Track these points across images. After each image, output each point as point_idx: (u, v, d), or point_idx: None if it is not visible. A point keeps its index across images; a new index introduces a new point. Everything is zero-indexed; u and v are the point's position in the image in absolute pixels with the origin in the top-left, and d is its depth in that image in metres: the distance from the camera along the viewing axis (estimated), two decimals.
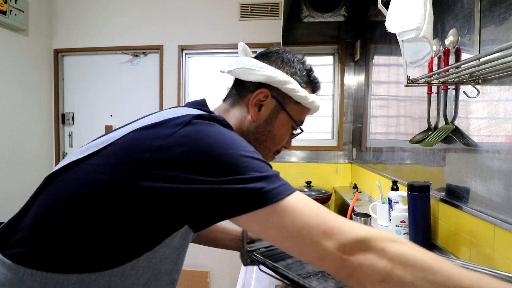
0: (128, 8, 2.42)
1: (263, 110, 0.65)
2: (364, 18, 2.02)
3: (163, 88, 2.38)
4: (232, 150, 0.47)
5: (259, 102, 0.64)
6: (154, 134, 0.49)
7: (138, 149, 0.48)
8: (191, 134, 0.48)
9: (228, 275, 2.35)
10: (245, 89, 0.66)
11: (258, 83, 0.64)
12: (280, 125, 0.66)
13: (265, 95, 0.64)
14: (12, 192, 2.14)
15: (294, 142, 1.89)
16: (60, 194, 0.53)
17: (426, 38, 0.70)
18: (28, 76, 2.28)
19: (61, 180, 0.55)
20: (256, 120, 0.65)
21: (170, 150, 0.46)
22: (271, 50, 0.70)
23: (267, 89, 0.64)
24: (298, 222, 0.44)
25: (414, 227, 1.00)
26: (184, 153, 0.46)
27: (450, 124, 0.93)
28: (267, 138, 0.66)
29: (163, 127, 0.50)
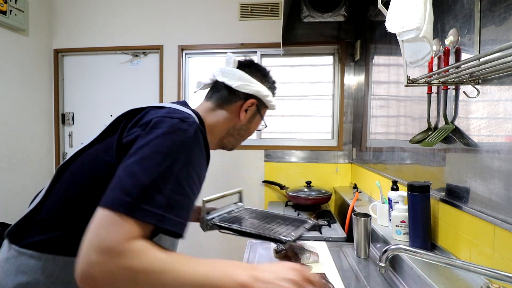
0: (128, 8, 2.42)
1: (248, 114, 0.85)
2: (364, 18, 2.02)
3: (163, 88, 2.38)
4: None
5: (248, 107, 0.83)
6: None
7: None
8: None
9: None
10: (236, 96, 0.83)
11: (250, 94, 0.82)
12: (255, 123, 0.89)
13: (254, 103, 0.84)
14: (12, 192, 2.14)
15: (294, 142, 2.02)
16: (76, 180, 0.64)
17: (426, 38, 0.70)
18: (28, 76, 2.28)
19: (72, 168, 0.66)
20: (242, 120, 0.84)
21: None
22: (251, 63, 0.87)
23: (255, 100, 0.83)
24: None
25: (414, 227, 1.00)
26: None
27: (450, 124, 0.93)
28: (246, 133, 0.89)
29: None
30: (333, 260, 1.17)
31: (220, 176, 2.33)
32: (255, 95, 0.83)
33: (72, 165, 0.67)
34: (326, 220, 1.64)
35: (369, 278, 1.04)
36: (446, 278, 0.81)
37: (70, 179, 0.65)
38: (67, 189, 0.64)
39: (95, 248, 0.48)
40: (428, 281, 0.81)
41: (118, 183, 0.54)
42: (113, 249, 0.48)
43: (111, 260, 0.48)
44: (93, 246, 0.49)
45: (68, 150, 2.55)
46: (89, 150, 0.67)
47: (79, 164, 0.66)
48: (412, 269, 0.90)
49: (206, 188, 1.83)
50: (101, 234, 0.49)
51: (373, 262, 1.17)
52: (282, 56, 2.33)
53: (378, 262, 0.74)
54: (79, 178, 0.64)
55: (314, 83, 2.35)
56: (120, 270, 0.48)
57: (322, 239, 1.43)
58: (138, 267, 0.49)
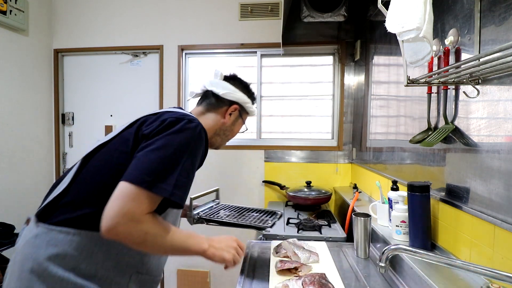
0: (128, 8, 2.42)
1: (232, 117, 1.06)
2: (364, 18, 2.02)
3: (163, 88, 2.38)
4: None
5: (231, 112, 1.04)
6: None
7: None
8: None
9: (228, 275, 2.35)
10: (222, 102, 1.04)
11: (233, 100, 1.04)
12: (237, 126, 1.10)
13: (237, 108, 1.05)
14: (12, 192, 2.14)
15: (294, 142, 2.05)
16: (100, 169, 0.80)
17: (426, 38, 0.70)
18: (28, 76, 2.28)
19: (96, 159, 0.82)
20: (227, 122, 1.05)
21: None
22: (235, 76, 1.10)
23: (238, 106, 1.05)
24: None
25: (414, 227, 1.00)
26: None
27: (450, 124, 0.93)
28: (230, 133, 1.09)
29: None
30: (333, 260, 1.17)
31: (220, 176, 2.33)
32: (237, 102, 1.05)
33: (94, 157, 0.83)
34: (326, 220, 1.64)
35: (369, 278, 1.04)
36: (446, 278, 0.81)
37: (94, 168, 0.81)
38: (93, 176, 0.80)
39: (123, 214, 0.68)
40: (428, 281, 0.81)
41: (140, 165, 0.73)
42: (135, 217, 0.70)
43: (133, 224, 0.70)
44: (122, 211, 0.68)
45: (68, 150, 2.55)
46: (109, 145, 0.83)
47: (102, 156, 0.82)
48: (412, 269, 0.90)
49: (207, 187, 1.88)
50: (128, 204, 0.69)
51: (373, 262, 1.17)
52: (282, 56, 2.33)
53: (378, 262, 0.74)
54: (103, 167, 0.80)
55: (314, 83, 2.35)
56: (137, 232, 0.71)
57: (322, 239, 1.44)
58: (149, 231, 0.72)
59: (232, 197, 2.35)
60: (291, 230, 1.53)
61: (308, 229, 1.53)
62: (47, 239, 0.75)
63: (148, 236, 0.72)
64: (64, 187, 0.80)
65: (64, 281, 0.72)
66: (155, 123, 0.81)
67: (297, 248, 1.19)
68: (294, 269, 1.05)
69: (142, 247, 0.75)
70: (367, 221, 1.18)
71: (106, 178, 0.78)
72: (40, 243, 0.75)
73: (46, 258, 0.73)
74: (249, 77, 2.38)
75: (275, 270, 1.07)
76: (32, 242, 0.76)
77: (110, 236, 0.70)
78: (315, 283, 0.92)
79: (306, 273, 1.03)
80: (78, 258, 0.75)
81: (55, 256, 0.73)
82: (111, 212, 0.69)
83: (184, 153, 0.78)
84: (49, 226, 0.76)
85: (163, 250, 0.80)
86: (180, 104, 2.37)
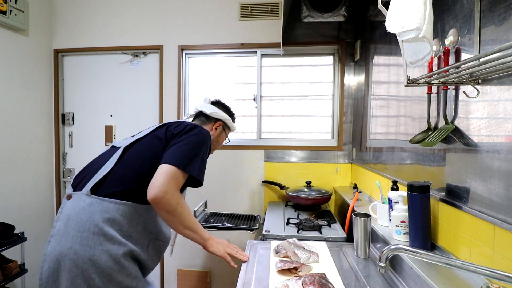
0: (128, 8, 2.42)
1: (217, 131, 1.45)
2: (364, 18, 2.02)
3: (163, 88, 2.38)
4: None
5: (216, 127, 1.44)
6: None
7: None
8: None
9: (228, 275, 2.35)
10: (209, 119, 1.44)
11: (218, 118, 1.44)
12: (222, 138, 1.50)
13: (220, 124, 1.45)
14: (12, 192, 2.14)
15: (294, 142, 2.11)
16: (139, 155, 1.13)
17: (426, 38, 0.70)
18: (28, 76, 2.28)
19: (135, 148, 1.15)
20: (213, 135, 1.42)
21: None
22: (219, 101, 1.51)
23: (221, 122, 1.45)
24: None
25: (414, 227, 1.00)
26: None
27: (450, 124, 0.93)
28: (215, 143, 1.46)
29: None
30: (333, 260, 1.17)
31: (221, 176, 2.33)
32: (221, 119, 1.44)
33: (132, 148, 1.16)
34: (326, 220, 1.64)
35: (369, 278, 1.04)
36: (446, 278, 0.81)
37: (133, 156, 1.13)
38: (132, 162, 1.11)
39: (167, 185, 1.01)
40: (428, 281, 0.81)
41: (176, 154, 1.08)
42: (176, 190, 1.05)
43: (171, 194, 1.02)
44: (166, 184, 1.01)
45: (68, 150, 2.55)
46: (143, 140, 1.18)
47: (139, 148, 1.15)
48: (412, 269, 0.90)
49: (208, 187, 1.86)
50: (170, 179, 1.03)
51: (373, 262, 1.17)
52: (282, 56, 2.33)
53: (378, 262, 0.74)
54: (140, 155, 1.13)
55: (314, 83, 2.35)
56: (174, 199, 1.03)
57: (322, 239, 1.44)
58: (180, 202, 1.06)
59: (232, 197, 2.35)
60: (291, 230, 1.53)
61: (308, 229, 1.53)
62: (100, 207, 1.01)
63: (179, 206, 1.04)
64: (109, 169, 1.09)
65: (113, 239, 1.00)
66: (180, 127, 1.18)
67: (297, 248, 1.19)
68: (294, 269, 1.05)
69: (171, 216, 1.05)
70: (367, 221, 1.18)
71: (143, 163, 1.10)
72: (94, 210, 1.01)
73: (101, 221, 0.99)
74: (249, 77, 2.38)
75: (275, 270, 1.07)
76: (88, 209, 1.01)
77: (155, 201, 1.00)
78: (315, 283, 0.92)
79: (306, 273, 1.03)
80: (122, 222, 1.03)
81: (107, 220, 1.00)
82: (157, 183, 1.00)
83: (202, 148, 1.15)
84: (101, 197, 1.03)
85: (182, 223, 1.08)
86: (180, 103, 2.37)
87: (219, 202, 2.34)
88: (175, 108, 2.38)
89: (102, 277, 0.96)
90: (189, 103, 2.45)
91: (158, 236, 1.14)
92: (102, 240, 0.98)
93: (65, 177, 2.53)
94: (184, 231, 1.11)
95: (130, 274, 1.02)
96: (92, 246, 0.97)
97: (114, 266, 0.98)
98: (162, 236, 1.17)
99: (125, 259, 1.01)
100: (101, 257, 0.97)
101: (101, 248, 0.97)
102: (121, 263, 0.99)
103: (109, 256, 0.97)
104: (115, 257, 0.98)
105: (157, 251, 1.16)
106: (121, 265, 0.99)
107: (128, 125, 2.47)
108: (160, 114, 2.39)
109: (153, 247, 1.13)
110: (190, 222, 1.10)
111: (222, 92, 2.41)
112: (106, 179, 1.07)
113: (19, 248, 2.02)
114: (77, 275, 0.95)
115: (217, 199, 2.33)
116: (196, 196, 2.32)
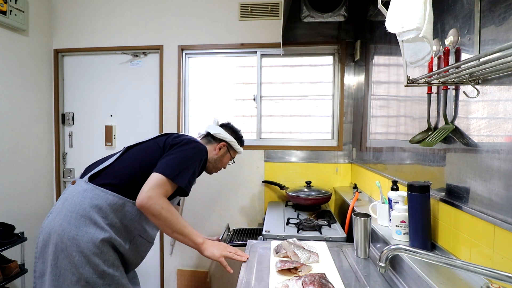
0: (128, 8, 2.42)
1: (221, 151, 1.51)
2: (364, 18, 2.02)
3: (163, 88, 2.38)
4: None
5: (220, 147, 1.50)
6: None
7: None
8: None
9: (228, 275, 2.35)
10: (215, 139, 1.51)
11: (222, 139, 1.50)
12: (225, 158, 1.55)
13: (224, 145, 1.51)
14: (12, 192, 2.14)
15: (294, 143, 2.11)
16: (136, 157, 1.25)
17: (426, 38, 0.70)
18: (28, 76, 2.28)
19: (136, 150, 1.29)
20: (217, 155, 1.50)
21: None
22: (227, 124, 1.58)
23: (225, 143, 1.51)
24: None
25: (414, 227, 1.00)
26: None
27: (450, 124, 0.93)
28: (219, 163, 1.53)
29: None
30: (333, 260, 1.17)
31: (221, 177, 2.33)
32: (225, 140, 1.50)
33: (134, 148, 1.30)
34: (326, 220, 1.64)
35: (369, 278, 1.04)
36: (446, 278, 0.81)
37: (132, 155, 1.26)
38: (130, 161, 1.24)
39: (153, 192, 1.11)
40: (428, 281, 0.81)
41: (167, 164, 1.18)
42: (160, 196, 1.12)
43: (158, 200, 1.11)
44: (151, 191, 1.11)
45: (68, 150, 2.55)
46: (144, 144, 1.32)
47: (139, 149, 1.29)
48: (412, 269, 0.90)
49: (208, 187, 1.87)
50: (156, 187, 1.12)
51: (373, 262, 1.17)
52: (282, 56, 2.33)
53: (378, 262, 0.74)
54: (138, 156, 1.25)
55: (314, 83, 2.35)
56: (157, 205, 1.11)
57: (322, 239, 1.44)
58: (164, 207, 1.13)
59: (232, 197, 2.35)
60: (291, 230, 1.53)
61: (308, 229, 1.53)
62: (92, 194, 1.14)
63: (163, 211, 1.12)
64: (110, 163, 1.23)
65: (97, 223, 1.11)
66: (178, 139, 1.29)
67: (297, 248, 1.19)
68: (294, 269, 1.05)
69: (157, 219, 1.12)
70: (367, 221, 1.18)
71: (138, 164, 1.22)
72: (87, 195, 1.14)
73: (90, 205, 1.11)
74: (249, 77, 2.38)
75: (275, 270, 1.07)
76: (82, 193, 1.14)
77: (140, 206, 1.11)
78: (315, 283, 0.92)
79: (306, 273, 1.03)
80: (108, 211, 1.13)
81: (95, 206, 1.12)
82: (144, 189, 1.11)
83: (195, 161, 1.25)
84: (95, 186, 1.16)
85: (169, 227, 1.15)
86: (180, 104, 2.37)
87: (220, 202, 2.34)
88: (175, 108, 2.38)
89: (81, 256, 1.06)
90: (189, 103, 2.45)
91: (142, 233, 1.23)
92: (87, 223, 1.09)
93: (65, 177, 2.53)
94: (174, 234, 1.19)
95: (107, 260, 1.11)
96: (78, 226, 1.08)
97: (92, 248, 1.07)
98: (146, 234, 1.25)
99: (104, 245, 1.10)
100: (83, 238, 1.07)
101: (85, 229, 1.08)
102: (99, 247, 1.08)
103: (90, 238, 1.08)
104: (95, 241, 1.08)
105: (138, 248, 1.24)
106: (100, 249, 1.09)
107: (128, 125, 2.47)
108: (160, 114, 2.39)
109: (135, 243, 1.22)
110: (178, 227, 1.16)
111: (222, 92, 2.41)
112: (104, 171, 1.21)
113: (19, 248, 2.02)
114: (62, 249, 1.07)
115: (217, 199, 2.33)
116: (196, 196, 2.33)
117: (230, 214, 2.35)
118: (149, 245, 1.30)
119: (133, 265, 1.26)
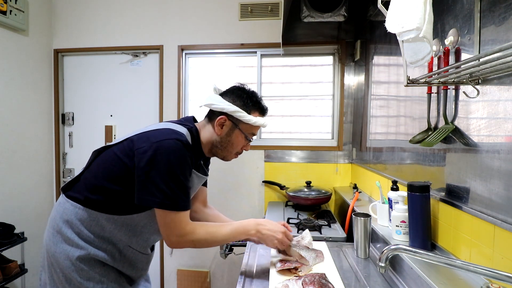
0: (128, 8, 2.42)
1: (224, 128, 1.06)
2: (364, 18, 2.02)
3: (163, 88, 2.38)
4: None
5: (221, 123, 1.05)
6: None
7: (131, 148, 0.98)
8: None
9: (228, 275, 2.35)
10: (214, 114, 1.08)
11: (220, 112, 1.05)
12: (235, 137, 1.08)
13: (224, 119, 1.05)
14: (12, 192, 2.14)
15: (294, 142, 2.06)
16: (105, 167, 1.00)
17: (426, 38, 0.70)
18: (28, 76, 2.28)
19: (102, 157, 1.03)
20: (219, 134, 1.06)
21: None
22: (232, 89, 1.11)
23: (225, 116, 1.05)
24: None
25: (414, 227, 1.00)
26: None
27: (450, 124, 0.93)
28: (227, 145, 1.08)
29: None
30: (333, 260, 1.17)
31: (221, 177, 2.33)
32: (224, 112, 1.04)
33: (102, 154, 1.04)
34: (326, 220, 1.64)
35: (369, 278, 1.04)
36: (446, 278, 0.81)
37: (101, 163, 1.02)
38: (100, 169, 1.01)
39: (175, 235, 0.95)
40: (428, 281, 0.81)
41: (156, 191, 0.92)
42: (180, 234, 0.96)
43: (182, 239, 0.96)
44: (172, 234, 0.96)
45: (68, 150, 2.55)
46: (111, 150, 1.02)
47: (105, 158, 1.02)
48: (412, 269, 0.90)
49: (208, 187, 1.91)
50: (173, 228, 0.95)
51: (373, 262, 1.17)
52: (282, 56, 2.33)
53: (378, 262, 0.74)
54: (106, 166, 1.00)
55: (314, 83, 2.35)
56: (187, 243, 0.97)
57: (322, 239, 1.44)
58: (195, 238, 0.97)
59: (232, 197, 2.35)
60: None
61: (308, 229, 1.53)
62: (63, 207, 1.01)
63: (196, 242, 0.98)
64: (79, 172, 1.06)
65: (70, 240, 0.98)
66: (144, 156, 0.93)
67: (302, 250, 1.13)
68: (294, 269, 1.05)
69: (198, 247, 1.01)
70: (367, 221, 1.18)
71: (106, 176, 0.99)
72: (59, 209, 1.02)
73: (61, 221, 0.99)
74: (249, 77, 2.38)
75: (275, 270, 1.07)
76: (56, 207, 1.04)
77: (175, 248, 1.13)
78: (315, 283, 0.92)
79: (306, 273, 1.03)
80: (80, 227, 0.98)
81: (66, 221, 0.99)
82: (164, 236, 0.97)
83: (176, 171, 0.93)
84: (66, 198, 1.02)
85: (211, 245, 1.03)
86: (180, 103, 2.37)
87: (220, 202, 2.34)
88: (175, 108, 2.38)
89: (62, 274, 0.98)
90: (189, 103, 2.45)
91: (131, 244, 1.05)
92: (60, 239, 0.99)
93: (65, 177, 2.53)
94: (221, 244, 1.12)
95: (93, 278, 0.98)
96: (55, 243, 0.99)
97: (71, 267, 0.97)
98: (135, 245, 1.06)
99: (83, 263, 0.97)
100: (60, 255, 0.98)
101: (62, 246, 0.98)
102: (78, 265, 0.96)
103: (66, 255, 0.97)
104: (71, 258, 0.97)
105: (131, 259, 1.07)
106: (79, 267, 0.97)
107: (128, 125, 2.47)
108: (160, 114, 2.39)
109: (125, 254, 1.05)
110: (222, 240, 1.02)
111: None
112: (78, 181, 1.04)
113: (19, 248, 2.02)
114: (50, 264, 1.01)
115: (217, 199, 2.33)
116: None
117: (230, 214, 2.34)
118: (144, 256, 1.11)
119: (133, 276, 1.10)
